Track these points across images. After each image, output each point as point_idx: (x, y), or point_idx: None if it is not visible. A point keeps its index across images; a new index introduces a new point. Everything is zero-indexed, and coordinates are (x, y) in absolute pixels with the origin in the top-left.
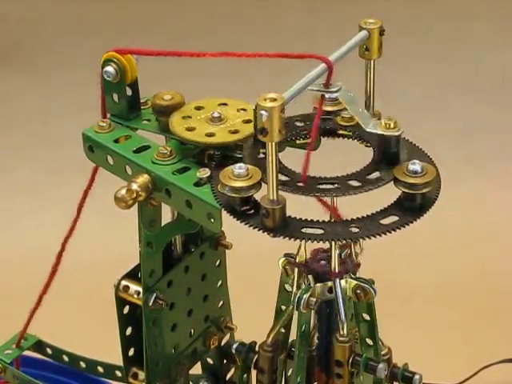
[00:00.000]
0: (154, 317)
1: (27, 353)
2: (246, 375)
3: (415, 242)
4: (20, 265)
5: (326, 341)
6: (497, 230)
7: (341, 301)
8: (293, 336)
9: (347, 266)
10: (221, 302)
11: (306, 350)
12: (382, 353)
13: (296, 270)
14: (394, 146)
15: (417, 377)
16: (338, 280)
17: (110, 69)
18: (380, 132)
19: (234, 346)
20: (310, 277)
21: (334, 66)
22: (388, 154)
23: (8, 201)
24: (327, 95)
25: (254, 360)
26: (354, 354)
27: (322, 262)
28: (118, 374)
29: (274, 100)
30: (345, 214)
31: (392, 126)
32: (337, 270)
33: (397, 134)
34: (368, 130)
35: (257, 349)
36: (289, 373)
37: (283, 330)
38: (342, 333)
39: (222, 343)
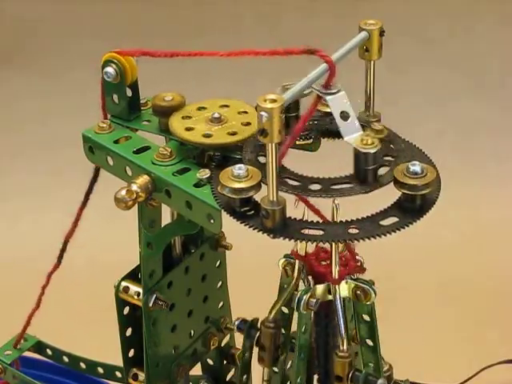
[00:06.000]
0: (154, 318)
1: (27, 354)
2: (247, 354)
3: (415, 242)
4: (20, 265)
5: (325, 338)
6: (497, 230)
7: (341, 316)
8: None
9: (350, 267)
10: (221, 303)
11: (306, 351)
12: (383, 369)
13: (296, 266)
14: (370, 162)
15: None
16: (338, 297)
17: (110, 69)
18: (355, 146)
19: (236, 322)
20: (309, 278)
21: (335, 66)
22: (362, 172)
23: (8, 202)
24: (326, 96)
25: (256, 337)
26: (353, 369)
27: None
28: (118, 374)
29: (274, 101)
30: (345, 214)
31: (369, 142)
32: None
33: (372, 151)
34: (345, 139)
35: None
36: (288, 365)
37: (286, 310)
38: (341, 348)
39: (222, 344)
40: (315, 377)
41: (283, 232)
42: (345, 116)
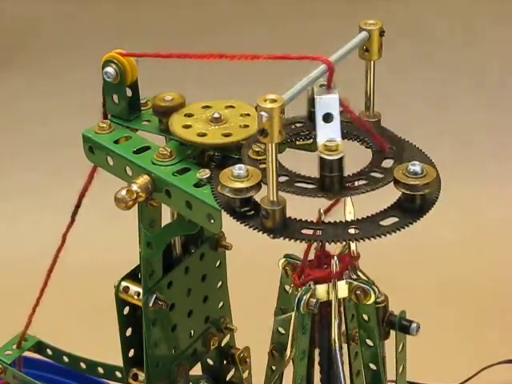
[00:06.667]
0: (154, 318)
1: (27, 353)
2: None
3: (415, 242)
4: (20, 265)
5: (327, 342)
6: (497, 230)
7: (340, 370)
8: None
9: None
10: (221, 303)
11: (306, 351)
12: (379, 300)
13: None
14: (336, 168)
15: (414, 325)
16: (338, 351)
17: (110, 69)
18: (319, 154)
19: None
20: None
21: (334, 66)
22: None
23: (8, 202)
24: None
25: None
26: None
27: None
28: (118, 374)
29: (274, 101)
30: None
31: (334, 148)
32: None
33: (336, 157)
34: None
35: None
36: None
37: (283, 332)
38: None
39: (222, 344)
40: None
41: (283, 232)
42: (328, 118)
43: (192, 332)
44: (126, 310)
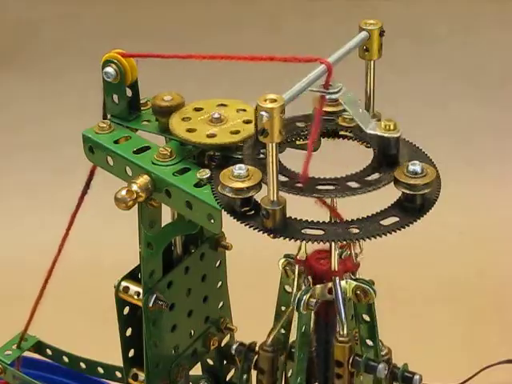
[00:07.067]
0: (154, 318)
1: (27, 354)
2: (245, 376)
3: (415, 242)
4: (21, 265)
5: (324, 343)
6: (496, 230)
7: (340, 301)
8: (293, 336)
9: (347, 265)
10: (221, 303)
11: (306, 351)
12: (382, 353)
13: (296, 270)
14: (394, 147)
15: (417, 377)
16: (337, 279)
17: (109, 70)
18: (379, 133)
19: (234, 346)
20: (310, 277)
21: (333, 67)
22: (387, 156)
23: (9, 201)
24: (328, 96)
25: (254, 360)
26: (353, 354)
27: (322, 261)
28: (118, 374)
29: (274, 101)
30: (345, 214)
31: (392, 127)
32: (336, 269)
33: (396, 135)
34: (368, 131)
35: (257, 349)
36: (289, 373)
37: (283, 331)
38: (341, 333)
39: (222, 344)
40: None
41: (284, 232)
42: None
43: (192, 332)
44: (126, 310)
